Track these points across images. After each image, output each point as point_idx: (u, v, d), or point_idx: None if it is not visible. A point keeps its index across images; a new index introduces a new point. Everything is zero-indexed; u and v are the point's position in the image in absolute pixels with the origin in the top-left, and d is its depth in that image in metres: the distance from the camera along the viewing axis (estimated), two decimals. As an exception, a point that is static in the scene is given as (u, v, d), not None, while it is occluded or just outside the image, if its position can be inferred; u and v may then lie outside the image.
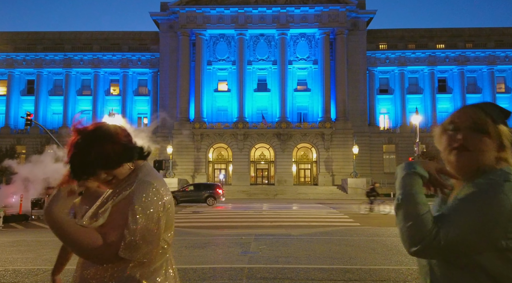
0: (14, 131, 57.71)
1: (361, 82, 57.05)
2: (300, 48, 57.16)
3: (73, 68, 59.69)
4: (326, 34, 55.42)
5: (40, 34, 63.17)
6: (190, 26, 55.40)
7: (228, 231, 14.68)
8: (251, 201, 37.75)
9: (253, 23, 55.65)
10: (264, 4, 55.36)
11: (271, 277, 6.94)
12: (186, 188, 34.32)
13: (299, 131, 53.79)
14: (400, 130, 57.02)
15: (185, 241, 11.70)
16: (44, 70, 59.68)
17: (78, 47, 60.50)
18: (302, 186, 52.23)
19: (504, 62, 58.39)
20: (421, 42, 60.09)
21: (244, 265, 8.14)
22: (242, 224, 17.41)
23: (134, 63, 59.86)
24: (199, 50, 55.58)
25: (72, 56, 59.46)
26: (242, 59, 55.47)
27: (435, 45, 59.37)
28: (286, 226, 16.35)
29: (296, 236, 12.73)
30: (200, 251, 10.03)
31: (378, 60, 59.35)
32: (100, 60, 59.66)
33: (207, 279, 6.84)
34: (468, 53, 58.32)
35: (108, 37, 62.39)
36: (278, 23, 55.41)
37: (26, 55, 59.33)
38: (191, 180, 49.57)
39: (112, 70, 59.92)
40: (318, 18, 55.40)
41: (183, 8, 55.20)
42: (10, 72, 59.61)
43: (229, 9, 55.35)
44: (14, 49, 60.14)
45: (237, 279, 6.84)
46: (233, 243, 11.32)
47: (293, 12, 55.42)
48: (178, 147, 52.82)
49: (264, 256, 9.21)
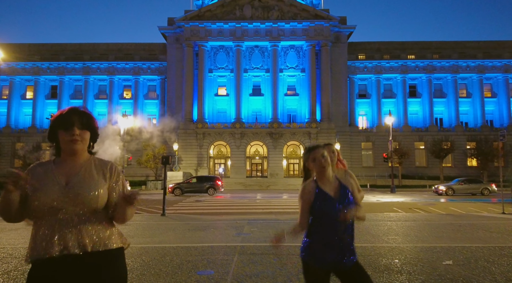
0: (40, 130, 57.64)
1: (342, 88, 57.35)
2: (290, 58, 57.36)
3: (91, 76, 59.65)
4: (313, 46, 55.66)
5: (62, 45, 63.09)
6: (193, 39, 55.48)
7: (225, 217, 14.69)
8: (246, 192, 37.76)
9: (248, 36, 55.78)
10: (258, 19, 55.52)
11: (259, 253, 7.24)
12: (190, 180, 34.17)
13: (289, 130, 54.03)
14: (376, 130, 57.34)
15: (189, 225, 11.86)
16: (65, 77, 59.59)
17: (95, 57, 60.46)
18: (291, 178, 52.42)
19: (466, 71, 58.80)
20: (394, 53, 60.42)
21: (237, 243, 8.35)
22: (238, 211, 17.43)
23: (145, 71, 59.87)
24: (201, 60, 55.67)
25: (90, 65, 59.42)
26: (239, 68, 55.61)
27: (406, 56, 59.72)
28: (276, 213, 16.43)
29: (283, 221, 12.76)
30: (201, 233, 10.21)
31: (357, 69, 59.62)
32: (115, 68, 59.65)
33: (206, 255, 7.13)
34: (435, 63, 58.73)
35: (121, 48, 62.38)
36: (271, 36, 55.59)
37: (50, 64, 59.27)
38: (194, 173, 49.62)
39: (125, 77, 59.91)
40: (305, 32, 55.62)
41: (188, 23, 55.29)
42: (36, 79, 59.52)
43: (228, 24, 55.47)
44: (39, 58, 60.02)
45: (230, 254, 7.12)
46: (229, 226, 11.42)
47: (284, 26, 55.61)
48: (183, 144, 52.93)
49: (254, 237, 9.39)
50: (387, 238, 9.19)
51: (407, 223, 12.39)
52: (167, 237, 9.55)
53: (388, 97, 59.33)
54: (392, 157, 39.51)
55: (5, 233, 10.19)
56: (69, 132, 2.13)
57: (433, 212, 17.29)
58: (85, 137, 2.19)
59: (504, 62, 58.53)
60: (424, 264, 6.33)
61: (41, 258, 2.02)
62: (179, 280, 5.39)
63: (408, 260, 6.69)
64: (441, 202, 23.21)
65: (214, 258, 6.87)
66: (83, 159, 2.24)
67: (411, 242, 8.69)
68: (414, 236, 9.58)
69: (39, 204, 2.04)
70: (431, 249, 7.71)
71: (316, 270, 2.79)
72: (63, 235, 2.04)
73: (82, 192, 2.09)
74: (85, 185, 2.13)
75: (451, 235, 9.73)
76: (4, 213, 2.08)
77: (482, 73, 58.65)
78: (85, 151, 2.26)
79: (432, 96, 58.47)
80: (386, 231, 10.44)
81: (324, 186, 2.86)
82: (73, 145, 2.15)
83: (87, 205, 2.10)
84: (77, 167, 2.19)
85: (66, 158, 2.21)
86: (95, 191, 2.13)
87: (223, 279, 5.46)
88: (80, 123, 2.16)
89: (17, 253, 7.36)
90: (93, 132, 2.27)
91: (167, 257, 6.94)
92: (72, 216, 2.08)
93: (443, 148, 51.48)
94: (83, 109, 2.24)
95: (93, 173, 2.19)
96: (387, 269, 5.97)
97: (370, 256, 7.00)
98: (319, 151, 2.89)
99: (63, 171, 2.16)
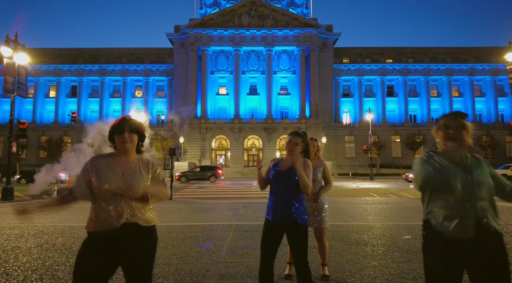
0: (62, 125, 57.63)
1: (329, 88, 57.46)
2: (283, 62, 57.30)
3: (107, 77, 59.43)
4: (302, 51, 55.66)
5: (81, 50, 62.75)
6: (197, 44, 55.34)
7: (224, 201, 14.77)
8: (244, 179, 37.91)
9: (246, 42, 55.66)
10: (254, 27, 55.37)
11: (251, 230, 7.54)
12: (194, 169, 34.35)
13: (282, 126, 54.19)
14: (358, 125, 57.55)
15: (192, 207, 12.03)
16: (84, 78, 59.38)
17: (110, 60, 60.19)
18: (283, 167, 52.53)
19: (436, 74, 59.01)
20: (374, 58, 60.50)
21: (233, 222, 8.58)
22: (235, 196, 17.53)
23: (154, 73, 59.72)
24: (204, 63, 55.58)
25: (106, 67, 59.19)
26: (237, 70, 55.58)
27: (385, 60, 59.81)
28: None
29: None
30: (203, 214, 10.39)
31: (342, 71, 59.68)
32: (128, 70, 59.46)
33: (206, 231, 7.41)
34: (409, 67, 58.85)
35: (133, 52, 62.12)
36: (266, 42, 55.52)
37: (70, 66, 58.96)
38: (198, 163, 49.88)
39: (136, 78, 59.75)
40: (296, 38, 55.56)
41: (192, 30, 55.09)
42: (58, 80, 59.26)
43: (228, 31, 55.33)
44: (61, 61, 59.73)
45: (227, 231, 7.40)
46: (227, 208, 11.59)
47: (277, 33, 55.52)
48: (188, 138, 53.08)
49: (248, 217, 9.62)
50: (361, 217, 9.43)
51: (380, 205, 12.57)
52: (173, 217, 9.76)
53: (369, 96, 59.53)
54: (371, 149, 39.87)
55: (35, 214, 10.50)
56: (121, 136, 2.47)
57: (404, 196, 17.54)
58: (133, 139, 2.51)
59: (470, 66, 58.74)
60: (387, 239, 6.64)
61: (103, 230, 2.36)
62: (183, 251, 5.73)
63: (374, 235, 6.99)
64: (410, 188, 23.59)
65: (212, 234, 7.15)
66: (133, 157, 2.55)
67: (380, 221, 8.91)
68: (383, 216, 9.80)
69: (108, 189, 2.37)
70: (395, 227, 7.98)
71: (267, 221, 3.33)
72: (121, 213, 2.37)
73: (134, 182, 2.42)
74: (136, 177, 2.45)
75: (415, 215, 9.94)
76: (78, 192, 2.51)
77: (451, 75, 58.87)
78: (134, 149, 2.56)
79: (407, 96, 58.73)
80: (361, 212, 10.63)
81: (282, 163, 3.36)
82: (124, 145, 2.48)
83: (137, 192, 2.41)
84: (130, 163, 2.51)
85: (120, 155, 2.52)
86: (143, 182, 2.45)
87: (219, 250, 5.79)
88: (129, 129, 2.49)
89: (47, 230, 7.68)
90: (140, 135, 2.58)
91: (173, 233, 7.22)
92: (126, 199, 2.41)
93: (416, 141, 51.90)
94: (131, 119, 2.57)
95: (141, 169, 2.51)
96: (356, 243, 6.31)
97: (343, 232, 7.30)
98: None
99: (119, 165, 2.48)
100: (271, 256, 3.20)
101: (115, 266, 2.41)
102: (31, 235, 7.15)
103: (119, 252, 2.37)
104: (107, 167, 2.46)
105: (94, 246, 2.36)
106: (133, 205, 2.42)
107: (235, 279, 4.34)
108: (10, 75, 16.52)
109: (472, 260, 2.14)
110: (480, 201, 2.15)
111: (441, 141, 2.30)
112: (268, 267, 3.19)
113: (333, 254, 5.43)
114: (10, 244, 6.33)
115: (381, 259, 5.22)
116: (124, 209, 2.38)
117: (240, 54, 56.05)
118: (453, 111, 2.34)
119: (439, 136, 2.31)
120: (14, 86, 16.71)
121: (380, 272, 4.60)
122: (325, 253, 4.35)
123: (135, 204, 2.44)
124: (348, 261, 5.12)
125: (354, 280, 4.29)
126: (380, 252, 5.61)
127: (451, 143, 2.22)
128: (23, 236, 7.06)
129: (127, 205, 2.40)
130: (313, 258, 5.17)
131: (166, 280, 4.32)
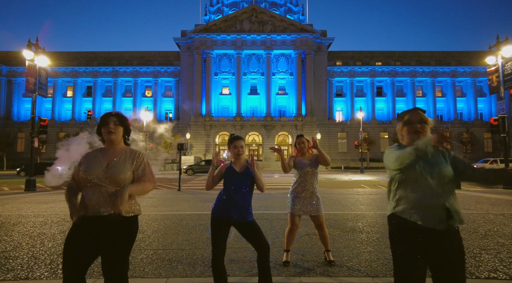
0: (78, 122, 57.56)
1: (323, 89, 57.37)
2: (281, 64, 57.15)
3: (119, 78, 59.28)
4: (299, 54, 55.50)
5: (95, 53, 62.51)
6: (202, 48, 55.14)
7: None
8: (245, 172, 37.88)
9: (247, 46, 55.49)
10: (255, 32, 55.16)
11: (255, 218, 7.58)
12: (200, 163, 34.42)
13: (280, 123, 54.18)
14: (349, 123, 57.53)
15: (200, 197, 12.01)
16: (98, 79, 59.23)
17: (122, 63, 60.01)
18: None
19: (422, 76, 58.91)
20: (365, 61, 60.35)
21: None
22: None
23: (162, 74, 59.55)
24: (208, 65, 55.42)
25: (118, 69, 59.01)
26: (239, 72, 55.43)
27: (375, 63, 59.68)
28: (268, 188, 16.19)
29: (274, 194, 12.85)
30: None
31: (335, 73, 59.55)
32: (138, 72, 59.28)
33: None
34: (397, 69, 58.70)
35: (143, 56, 61.91)
36: (265, 46, 55.33)
37: (86, 68, 58.79)
38: (203, 157, 49.93)
39: (146, 79, 59.59)
40: (293, 42, 55.39)
41: (197, 35, 54.88)
42: (74, 81, 59.10)
43: (230, 35, 55.11)
44: (77, 64, 59.56)
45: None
46: None
47: (276, 38, 55.33)
48: (193, 134, 53.07)
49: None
50: (354, 207, 9.43)
51: (371, 196, 12.54)
52: (182, 206, 9.74)
53: (360, 96, 59.42)
54: (362, 144, 39.86)
55: (56, 203, 10.53)
56: (106, 128, 2.43)
57: (392, 188, 17.54)
58: (118, 130, 2.45)
59: (452, 69, 58.62)
60: (380, 226, 6.64)
61: (86, 216, 2.28)
62: (194, 237, 5.74)
63: (368, 223, 7.00)
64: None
65: (220, 222, 7.17)
66: (120, 148, 2.46)
67: (372, 210, 8.93)
68: (375, 206, 9.82)
69: (84, 178, 2.30)
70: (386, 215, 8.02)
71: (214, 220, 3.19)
72: (102, 201, 2.27)
73: (116, 173, 2.31)
74: (117, 169, 2.33)
75: (403, 205, 9.97)
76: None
77: (435, 77, 58.74)
78: (120, 141, 2.48)
79: (395, 96, 58.65)
80: (354, 202, 10.64)
81: (235, 165, 3.28)
82: (109, 135, 2.42)
83: (118, 182, 2.32)
84: (116, 154, 2.41)
85: (108, 147, 2.46)
86: (124, 174, 2.34)
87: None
88: (113, 121, 2.44)
89: (68, 217, 7.68)
90: (125, 127, 2.51)
91: (183, 221, 7.22)
92: (107, 189, 2.30)
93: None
94: (117, 113, 2.51)
95: (125, 160, 2.40)
96: (352, 230, 6.32)
97: (339, 220, 7.30)
98: (239, 142, 3.29)
99: (105, 157, 2.40)
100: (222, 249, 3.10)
101: (95, 252, 2.29)
102: (54, 222, 7.16)
103: (99, 238, 2.27)
104: (94, 158, 2.40)
105: (78, 230, 2.29)
106: (113, 194, 2.30)
107: (243, 263, 4.34)
108: (31, 76, 16.48)
109: (435, 249, 2.07)
110: (445, 192, 2.09)
111: (406, 136, 2.23)
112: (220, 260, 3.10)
113: (332, 240, 5.43)
114: (36, 230, 6.33)
115: (376, 245, 5.22)
116: (105, 197, 2.28)
117: (241, 57, 55.86)
118: (413, 108, 2.29)
119: (404, 132, 2.25)
120: (36, 87, 16.67)
121: (376, 256, 4.60)
122: (327, 239, 4.34)
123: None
124: (345, 246, 5.12)
125: (352, 264, 4.29)
126: (375, 239, 5.62)
127: (416, 135, 2.17)
128: (47, 223, 7.06)
129: (108, 194, 2.29)
130: (313, 244, 5.17)
131: (180, 264, 4.32)
